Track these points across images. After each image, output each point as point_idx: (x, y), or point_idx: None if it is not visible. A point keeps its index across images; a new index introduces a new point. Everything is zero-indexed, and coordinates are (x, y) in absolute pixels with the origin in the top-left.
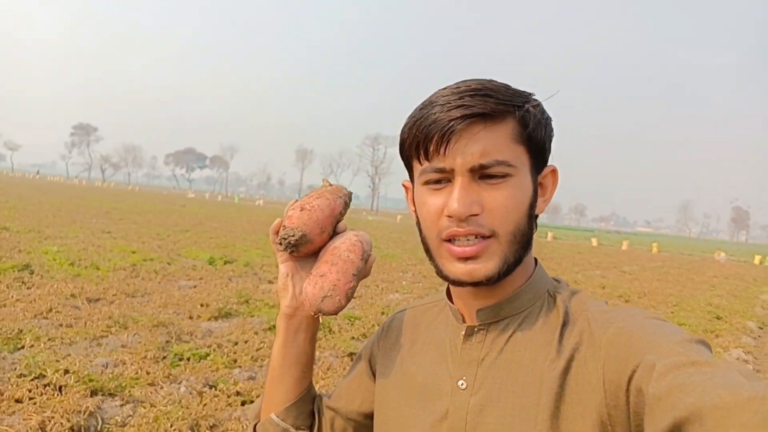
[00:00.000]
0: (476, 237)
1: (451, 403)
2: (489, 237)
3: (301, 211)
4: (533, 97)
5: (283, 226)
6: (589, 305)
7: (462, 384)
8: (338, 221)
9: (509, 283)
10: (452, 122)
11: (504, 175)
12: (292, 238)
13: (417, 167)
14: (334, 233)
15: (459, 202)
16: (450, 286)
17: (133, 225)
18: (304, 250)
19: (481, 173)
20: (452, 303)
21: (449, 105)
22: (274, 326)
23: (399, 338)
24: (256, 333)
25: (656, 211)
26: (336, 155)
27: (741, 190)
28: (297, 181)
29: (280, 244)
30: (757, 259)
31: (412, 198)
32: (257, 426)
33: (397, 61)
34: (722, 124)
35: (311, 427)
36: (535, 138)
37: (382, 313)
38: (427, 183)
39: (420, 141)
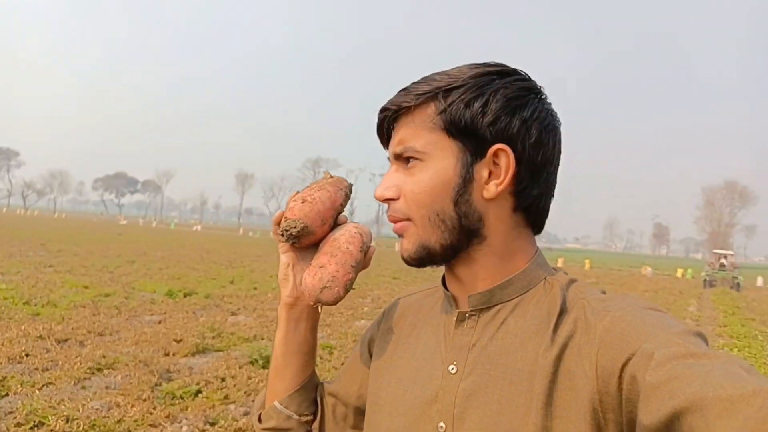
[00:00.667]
0: (401, 220)
1: (441, 387)
2: (408, 220)
3: (302, 203)
4: (479, 79)
5: (285, 217)
6: (586, 293)
7: (453, 369)
8: (339, 213)
9: (495, 269)
10: (379, 116)
11: (417, 161)
12: (294, 230)
13: None
14: (335, 225)
15: (378, 187)
16: (445, 273)
17: (75, 257)
18: (306, 242)
19: (402, 161)
20: (447, 289)
21: (385, 104)
22: (256, 360)
23: (398, 322)
24: (240, 367)
25: (584, 227)
26: (278, 179)
27: (661, 208)
28: (235, 204)
29: (282, 235)
30: (679, 272)
31: None
32: (261, 414)
33: (343, 82)
34: (643, 145)
35: (314, 415)
36: (457, 122)
37: (354, 341)
38: None
39: (377, 134)
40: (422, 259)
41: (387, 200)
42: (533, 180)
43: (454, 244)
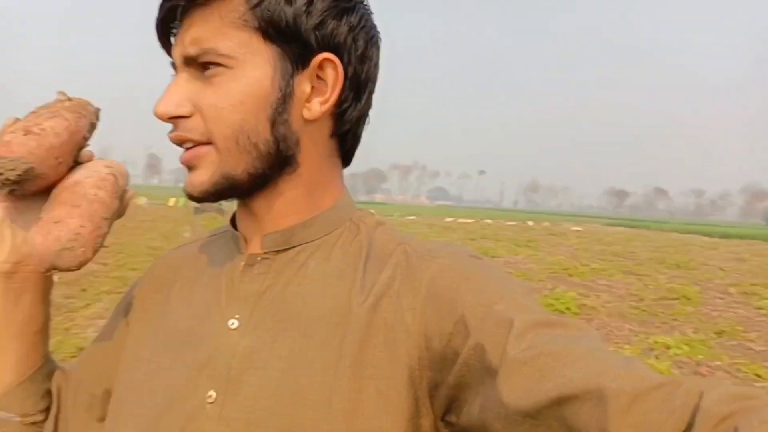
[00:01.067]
0: (195, 144)
1: (215, 348)
2: (207, 144)
3: (26, 135)
4: None
5: (0, 156)
6: (402, 237)
7: (233, 323)
8: (81, 148)
9: (302, 204)
10: (163, 6)
11: (220, 68)
12: (13, 173)
13: None
14: (76, 164)
15: (161, 101)
16: (237, 210)
17: None
18: (31, 188)
19: (195, 67)
20: (236, 230)
21: None
22: None
23: (165, 280)
24: None
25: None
26: None
27: (155, 138)
28: None
29: None
30: (171, 201)
31: None
32: None
33: None
34: None
35: (48, 411)
36: (277, 20)
37: None
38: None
39: (156, 30)
40: (221, 192)
41: (175, 118)
42: (356, 100)
43: (265, 173)
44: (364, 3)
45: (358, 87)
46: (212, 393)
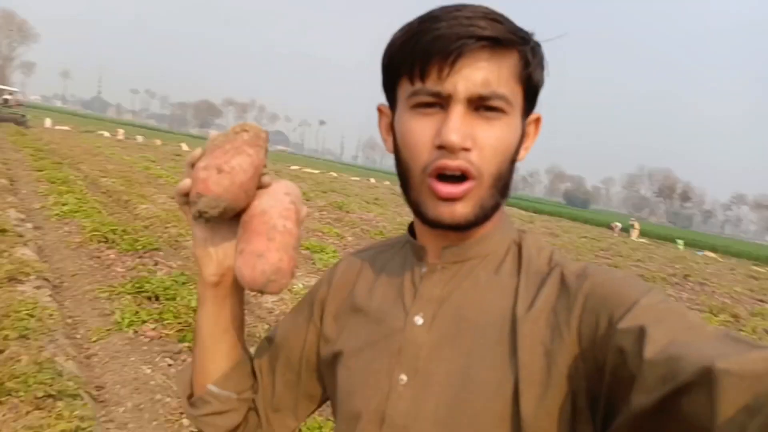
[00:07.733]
0: (463, 175)
1: (404, 339)
2: (474, 178)
3: (219, 174)
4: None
5: (199, 193)
6: (558, 257)
7: (419, 320)
8: (261, 176)
9: (480, 225)
10: (461, 41)
11: (500, 113)
12: (215, 210)
13: (406, 88)
14: (258, 187)
15: (455, 132)
16: (415, 223)
17: None
18: (224, 218)
19: (478, 105)
20: (415, 239)
21: (458, 23)
22: None
23: (352, 280)
24: None
25: None
26: None
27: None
28: None
29: (199, 216)
30: None
31: (389, 124)
32: (194, 400)
33: None
34: None
35: (254, 387)
36: (533, 79)
37: None
38: (416, 106)
39: (417, 58)
40: (477, 222)
41: (458, 150)
42: None
43: (499, 204)
44: None
45: None
46: (403, 376)
